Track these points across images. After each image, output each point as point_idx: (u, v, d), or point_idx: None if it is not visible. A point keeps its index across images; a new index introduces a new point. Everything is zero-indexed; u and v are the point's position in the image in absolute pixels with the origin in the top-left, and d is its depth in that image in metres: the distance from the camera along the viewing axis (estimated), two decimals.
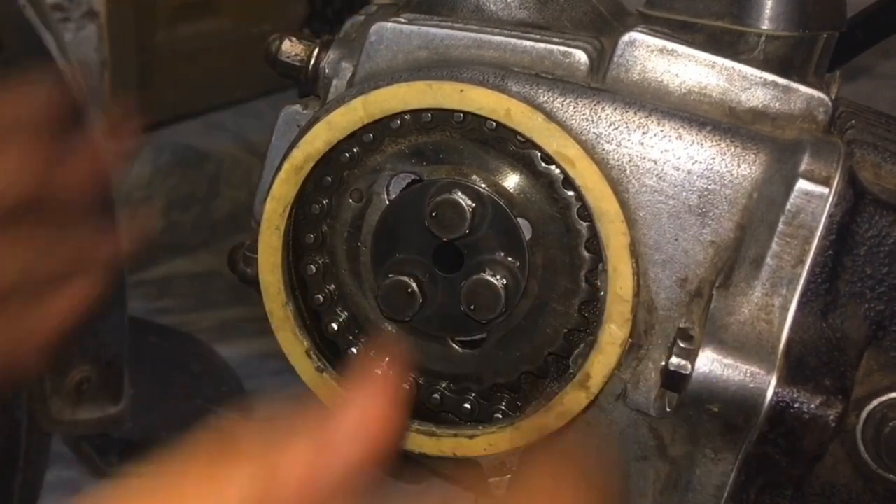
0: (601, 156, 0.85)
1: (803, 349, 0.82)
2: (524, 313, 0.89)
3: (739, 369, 0.81)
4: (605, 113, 0.85)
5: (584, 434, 0.89)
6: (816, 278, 0.83)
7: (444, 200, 0.86)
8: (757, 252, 0.83)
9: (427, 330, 0.91)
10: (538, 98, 0.85)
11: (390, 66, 0.90)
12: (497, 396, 0.92)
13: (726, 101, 0.87)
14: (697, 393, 0.82)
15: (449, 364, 0.92)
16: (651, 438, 0.88)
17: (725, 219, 0.84)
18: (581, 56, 0.87)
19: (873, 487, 0.84)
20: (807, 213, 0.82)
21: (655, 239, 0.85)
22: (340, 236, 0.92)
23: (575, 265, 0.87)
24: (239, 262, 0.97)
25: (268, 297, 0.92)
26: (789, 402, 0.80)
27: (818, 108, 0.86)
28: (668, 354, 0.83)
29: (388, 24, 0.90)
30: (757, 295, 0.83)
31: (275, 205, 0.90)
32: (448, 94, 0.85)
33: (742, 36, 0.90)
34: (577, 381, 0.86)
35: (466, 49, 0.89)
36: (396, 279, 0.89)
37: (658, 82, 0.87)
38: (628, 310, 0.85)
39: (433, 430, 0.91)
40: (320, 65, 0.94)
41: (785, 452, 0.82)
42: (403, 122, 0.88)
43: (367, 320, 0.93)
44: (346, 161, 0.90)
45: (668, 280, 0.86)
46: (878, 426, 0.83)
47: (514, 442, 0.89)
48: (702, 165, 0.84)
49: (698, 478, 0.85)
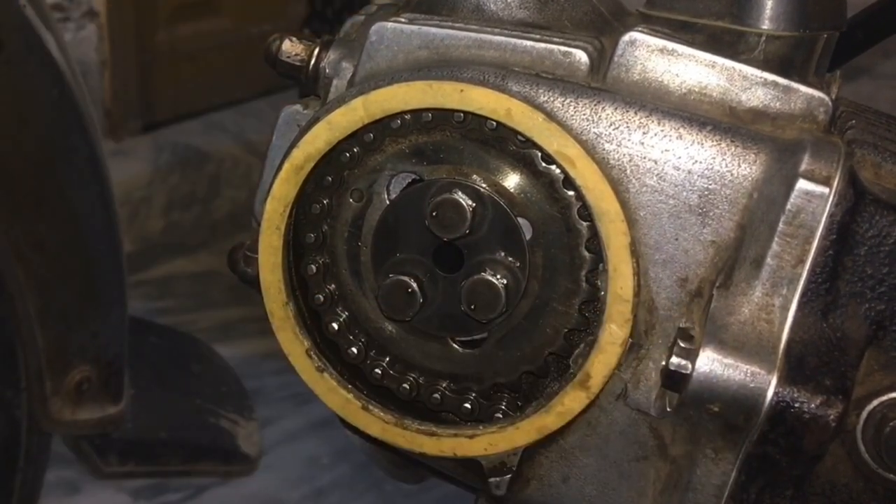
0: (601, 156, 0.85)
1: (804, 349, 0.82)
2: (524, 313, 0.89)
3: (740, 369, 0.81)
4: (605, 113, 0.85)
5: (584, 434, 0.89)
6: (817, 278, 0.83)
7: (445, 200, 0.86)
8: (757, 252, 0.83)
9: (427, 330, 0.91)
10: (538, 98, 0.85)
11: (390, 66, 0.90)
12: (497, 396, 0.92)
13: (726, 101, 0.87)
14: (698, 393, 0.82)
15: (449, 364, 0.92)
16: (651, 438, 0.88)
17: (726, 219, 0.85)
18: (581, 56, 0.87)
19: (874, 487, 0.84)
20: (807, 212, 0.82)
21: (656, 239, 0.85)
22: (341, 236, 0.92)
23: (575, 265, 0.87)
24: (239, 262, 0.97)
25: (268, 297, 0.92)
26: (790, 402, 0.80)
27: (818, 108, 0.87)
28: (668, 354, 0.84)
29: (388, 24, 0.90)
30: (757, 295, 0.83)
31: (275, 205, 0.90)
32: (448, 93, 0.85)
33: (742, 36, 0.90)
34: (578, 381, 0.87)
35: (467, 49, 0.89)
36: (397, 279, 0.89)
37: (658, 82, 0.87)
38: (628, 310, 0.85)
39: (433, 430, 0.91)
40: (320, 65, 0.94)
41: (785, 452, 0.82)
42: (404, 121, 0.88)
43: (367, 320, 0.93)
44: (346, 161, 0.90)
45: (668, 280, 0.86)
46: (878, 426, 0.83)
47: (514, 442, 0.89)
48: (702, 165, 0.84)
49: (698, 478, 0.85)
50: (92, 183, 1.58)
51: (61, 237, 1.57)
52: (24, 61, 1.47)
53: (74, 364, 1.60)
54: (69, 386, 1.60)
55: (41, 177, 1.54)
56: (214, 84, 4.76)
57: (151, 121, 4.53)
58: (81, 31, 4.19)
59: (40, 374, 1.57)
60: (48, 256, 1.55)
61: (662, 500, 0.88)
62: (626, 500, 0.90)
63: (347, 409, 0.92)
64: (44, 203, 1.54)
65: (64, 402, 1.60)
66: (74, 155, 1.56)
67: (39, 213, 1.54)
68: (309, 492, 2.50)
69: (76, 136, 1.55)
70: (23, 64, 1.47)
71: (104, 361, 1.63)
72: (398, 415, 0.92)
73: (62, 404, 1.60)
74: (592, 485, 0.90)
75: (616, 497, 0.90)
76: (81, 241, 1.59)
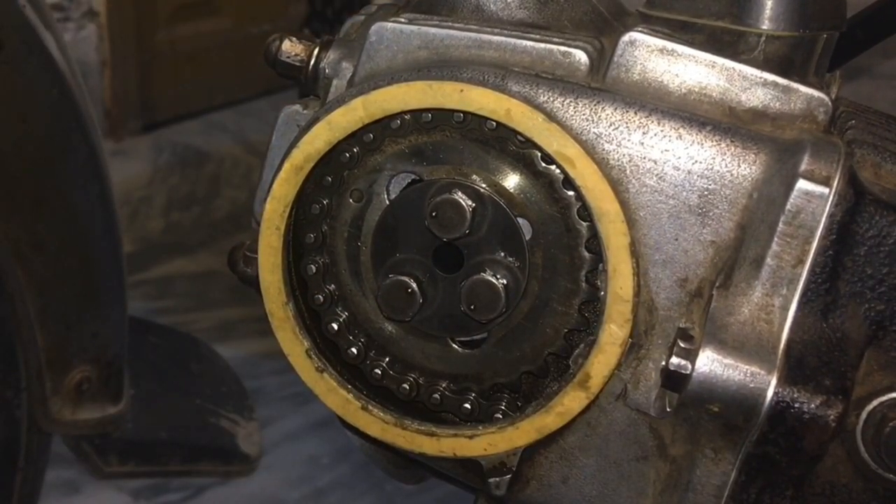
0: (601, 156, 0.85)
1: (803, 349, 0.82)
2: (524, 313, 0.89)
3: (740, 369, 0.81)
4: (605, 113, 0.85)
5: (584, 434, 0.89)
6: (816, 278, 0.83)
7: (444, 200, 0.86)
8: (757, 252, 0.83)
9: (427, 330, 0.91)
10: (538, 98, 0.85)
11: (390, 66, 0.90)
12: (497, 396, 0.92)
13: (726, 101, 0.87)
14: (697, 393, 0.82)
15: (449, 364, 0.92)
16: (651, 438, 0.88)
17: (725, 219, 0.84)
18: (581, 56, 0.87)
19: (873, 487, 0.84)
20: (807, 213, 0.82)
21: (655, 239, 0.85)
22: (340, 236, 0.92)
23: (575, 265, 0.87)
24: (239, 262, 0.97)
25: (268, 297, 0.92)
26: (789, 402, 0.80)
27: (818, 108, 0.86)
28: (668, 354, 0.84)
29: (388, 24, 0.90)
30: (757, 295, 0.83)
31: (275, 205, 0.90)
32: (448, 94, 0.85)
33: (742, 36, 0.90)
34: (578, 381, 0.87)
35: (466, 49, 0.89)
36: (396, 279, 0.89)
37: (658, 82, 0.87)
38: (628, 310, 0.85)
39: (433, 430, 0.91)
40: (320, 65, 0.94)
41: (785, 452, 0.82)
42: (403, 122, 0.88)
43: (367, 320, 0.93)
44: (346, 161, 0.90)
45: (668, 280, 0.86)
46: (878, 426, 0.83)
47: (513, 442, 0.89)
48: (702, 165, 0.84)
49: (698, 478, 0.85)
50: (92, 183, 1.58)
51: (61, 237, 1.57)
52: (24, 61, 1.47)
53: (74, 364, 1.60)
54: (69, 386, 1.60)
55: (41, 177, 1.54)
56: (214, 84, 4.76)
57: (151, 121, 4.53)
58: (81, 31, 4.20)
59: (40, 374, 1.57)
60: (48, 256, 1.55)
61: (662, 500, 0.88)
62: (626, 501, 0.90)
63: (347, 409, 0.93)
64: (44, 203, 1.54)
65: (64, 402, 1.60)
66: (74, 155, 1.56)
67: (39, 213, 1.54)
68: (309, 492, 2.50)
69: (76, 136, 1.55)
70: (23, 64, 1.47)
71: (104, 361, 1.63)
72: (398, 415, 0.92)
73: (62, 404, 1.60)
74: (592, 485, 0.90)
75: (616, 497, 0.90)
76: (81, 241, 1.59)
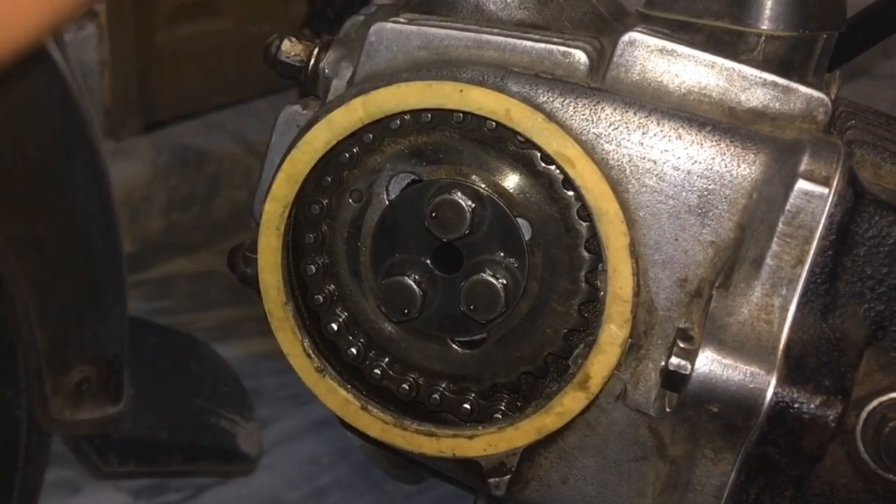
0: (601, 156, 0.85)
1: (803, 349, 0.82)
2: (524, 313, 0.89)
3: (739, 369, 0.81)
4: (604, 113, 0.85)
5: (583, 434, 0.89)
6: (816, 278, 0.83)
7: (444, 201, 0.86)
8: (757, 252, 0.83)
9: (427, 330, 0.91)
10: (538, 98, 0.85)
11: (390, 66, 0.90)
12: (497, 396, 0.92)
13: (726, 101, 0.87)
14: (697, 393, 0.82)
15: (448, 364, 0.92)
16: (651, 438, 0.88)
17: (725, 219, 0.84)
18: (581, 56, 0.87)
19: (873, 487, 0.84)
20: (806, 213, 0.82)
21: (655, 239, 0.85)
22: (340, 236, 0.92)
23: (575, 265, 0.87)
24: (239, 262, 0.97)
25: (267, 297, 0.92)
26: (789, 403, 0.80)
27: (818, 108, 0.86)
28: (667, 354, 0.84)
29: (387, 25, 0.90)
30: (757, 295, 0.83)
31: (275, 205, 0.90)
32: (448, 94, 0.85)
33: (742, 36, 0.90)
34: (577, 382, 0.87)
35: (466, 49, 0.89)
36: (396, 279, 0.89)
37: (658, 82, 0.87)
38: (628, 310, 0.85)
39: (433, 431, 0.91)
40: (320, 65, 0.94)
41: (785, 452, 0.82)
42: (403, 122, 0.88)
43: (366, 320, 0.93)
44: (345, 161, 0.90)
45: (667, 280, 0.86)
46: (878, 426, 0.83)
47: (513, 442, 0.89)
48: (701, 165, 0.84)
49: (698, 478, 0.85)
50: (92, 183, 1.58)
51: (61, 237, 1.57)
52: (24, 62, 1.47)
53: (74, 364, 1.60)
54: (69, 386, 1.60)
55: (41, 177, 1.54)
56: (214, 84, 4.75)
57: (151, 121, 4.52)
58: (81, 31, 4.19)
59: (40, 374, 1.57)
60: (48, 256, 1.54)
61: (662, 500, 0.88)
62: (626, 501, 0.90)
63: (347, 409, 0.93)
64: (44, 203, 1.54)
65: (64, 402, 1.60)
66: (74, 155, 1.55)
67: (39, 213, 1.54)
68: (309, 492, 2.50)
69: (76, 136, 1.54)
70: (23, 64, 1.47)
71: (104, 361, 1.63)
72: (397, 415, 0.92)
73: (62, 404, 1.60)
74: (592, 485, 0.90)
75: (615, 497, 0.90)
76: (81, 241, 1.59)
